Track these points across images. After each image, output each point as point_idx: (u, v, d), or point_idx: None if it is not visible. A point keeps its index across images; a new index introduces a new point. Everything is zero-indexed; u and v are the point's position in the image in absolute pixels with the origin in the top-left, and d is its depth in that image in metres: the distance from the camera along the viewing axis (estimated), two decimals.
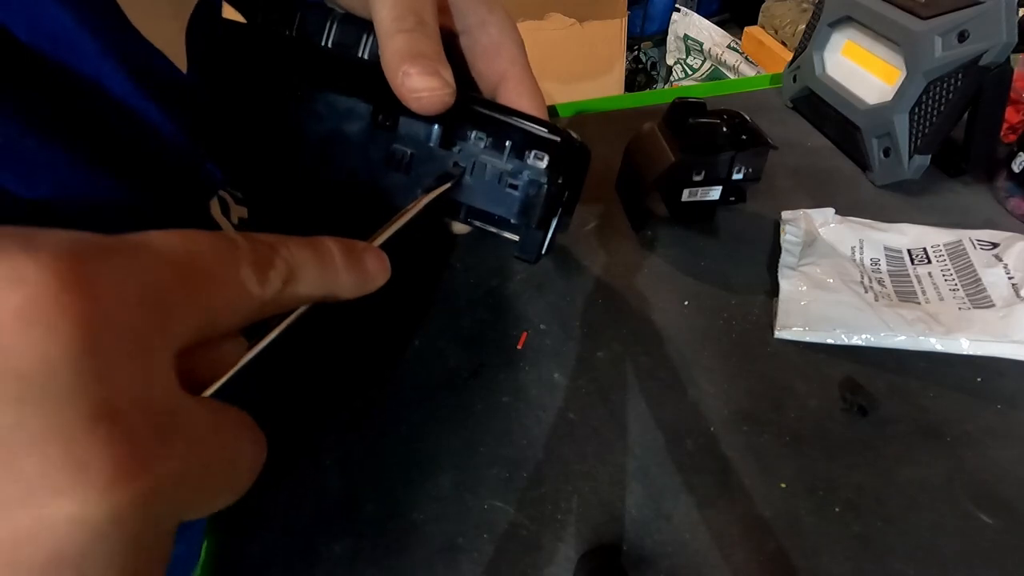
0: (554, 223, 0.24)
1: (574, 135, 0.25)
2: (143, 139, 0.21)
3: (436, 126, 0.23)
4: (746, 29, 1.47)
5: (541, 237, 0.25)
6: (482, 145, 0.23)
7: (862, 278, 0.39)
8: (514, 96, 0.25)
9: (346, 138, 0.24)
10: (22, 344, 0.10)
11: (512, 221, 0.24)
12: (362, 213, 0.23)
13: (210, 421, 0.13)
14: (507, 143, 0.23)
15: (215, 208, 0.27)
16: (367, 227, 0.19)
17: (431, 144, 0.23)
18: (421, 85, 0.21)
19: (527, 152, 0.23)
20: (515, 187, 0.24)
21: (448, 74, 0.21)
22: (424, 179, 0.24)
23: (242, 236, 0.14)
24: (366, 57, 0.24)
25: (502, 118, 0.24)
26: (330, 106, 0.23)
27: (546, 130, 0.24)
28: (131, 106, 0.20)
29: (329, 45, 0.25)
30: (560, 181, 0.24)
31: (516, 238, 0.25)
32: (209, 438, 0.13)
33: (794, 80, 0.57)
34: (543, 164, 0.23)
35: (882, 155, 0.48)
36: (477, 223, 0.25)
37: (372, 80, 0.22)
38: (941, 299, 0.37)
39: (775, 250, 0.42)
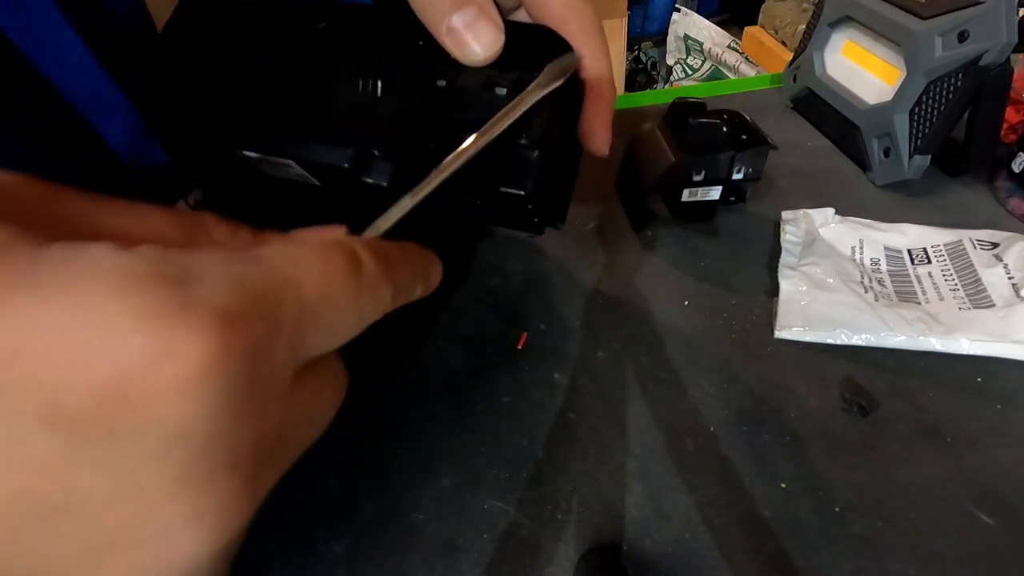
0: (546, 137, 0.20)
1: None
2: (98, 121, 0.21)
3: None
4: (746, 29, 1.47)
5: (537, 160, 0.20)
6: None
7: (862, 278, 0.39)
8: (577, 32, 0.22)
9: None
10: (169, 411, 0.10)
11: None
12: (337, 210, 0.22)
13: (311, 403, 0.14)
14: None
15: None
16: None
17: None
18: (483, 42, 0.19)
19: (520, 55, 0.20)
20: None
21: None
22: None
23: (366, 251, 0.15)
24: None
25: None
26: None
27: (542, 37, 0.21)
28: (91, 85, 0.20)
29: None
30: (558, 91, 0.20)
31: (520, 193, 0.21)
32: (307, 425, 0.14)
33: (794, 80, 0.57)
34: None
35: (882, 155, 0.48)
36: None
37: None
38: (941, 299, 0.37)
39: (775, 250, 0.42)
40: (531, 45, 0.21)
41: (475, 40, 0.19)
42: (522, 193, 0.21)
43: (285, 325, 0.12)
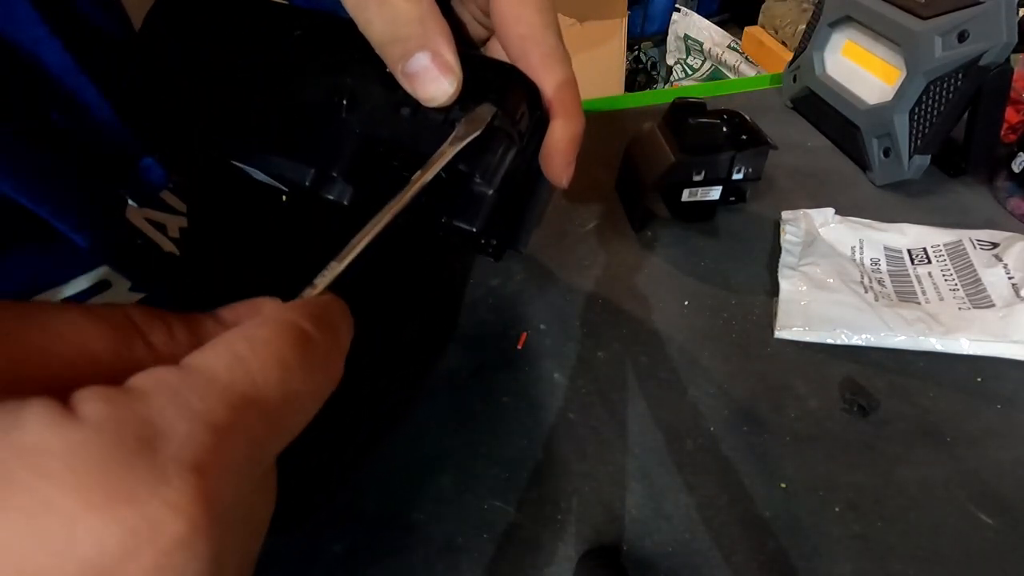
0: (500, 175, 0.21)
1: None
2: (77, 119, 0.21)
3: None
4: (746, 29, 1.47)
5: (490, 199, 0.21)
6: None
7: (862, 278, 0.39)
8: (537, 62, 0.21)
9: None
10: None
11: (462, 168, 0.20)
12: (313, 217, 0.22)
13: (260, 517, 0.14)
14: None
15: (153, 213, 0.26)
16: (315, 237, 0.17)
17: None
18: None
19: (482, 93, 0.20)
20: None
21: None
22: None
23: (310, 322, 0.13)
24: None
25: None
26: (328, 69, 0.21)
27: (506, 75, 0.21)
28: (68, 83, 0.20)
29: None
30: (518, 128, 0.20)
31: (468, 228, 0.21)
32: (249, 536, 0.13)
33: (794, 80, 0.57)
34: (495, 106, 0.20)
35: (882, 155, 0.48)
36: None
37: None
38: (941, 299, 0.37)
39: (775, 250, 0.42)
40: (497, 81, 0.21)
41: (430, 84, 0.19)
42: (473, 230, 0.21)
43: (255, 450, 0.11)
